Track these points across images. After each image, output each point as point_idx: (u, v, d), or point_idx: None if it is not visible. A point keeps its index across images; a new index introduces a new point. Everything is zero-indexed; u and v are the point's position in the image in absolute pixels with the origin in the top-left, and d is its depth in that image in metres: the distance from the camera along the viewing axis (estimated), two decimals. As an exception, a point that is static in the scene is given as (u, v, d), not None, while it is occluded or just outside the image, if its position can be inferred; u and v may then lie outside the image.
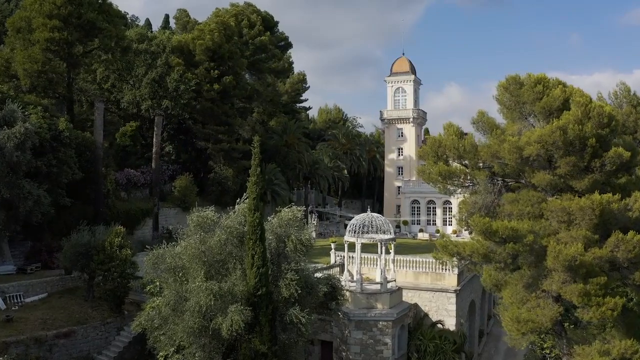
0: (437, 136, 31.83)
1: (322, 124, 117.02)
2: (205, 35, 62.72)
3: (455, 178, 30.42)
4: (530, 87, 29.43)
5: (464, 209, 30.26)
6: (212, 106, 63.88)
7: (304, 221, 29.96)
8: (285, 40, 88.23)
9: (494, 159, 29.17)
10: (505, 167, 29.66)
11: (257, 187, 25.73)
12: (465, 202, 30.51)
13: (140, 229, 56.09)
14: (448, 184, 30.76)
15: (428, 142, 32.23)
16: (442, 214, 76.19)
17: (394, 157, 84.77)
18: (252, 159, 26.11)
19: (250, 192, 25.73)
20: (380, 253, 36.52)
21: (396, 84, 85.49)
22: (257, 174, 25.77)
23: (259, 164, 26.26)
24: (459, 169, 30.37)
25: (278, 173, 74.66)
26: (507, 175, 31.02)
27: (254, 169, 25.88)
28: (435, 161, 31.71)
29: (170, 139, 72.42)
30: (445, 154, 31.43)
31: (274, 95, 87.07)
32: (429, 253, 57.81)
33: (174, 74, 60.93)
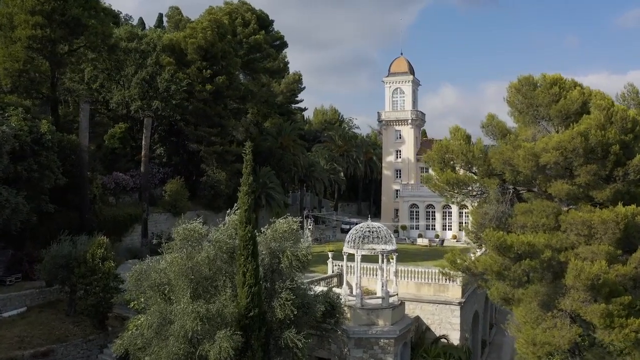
0: (444, 141, 29.61)
1: (318, 125, 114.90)
2: (198, 33, 60.37)
3: (464, 186, 28.21)
4: (545, 89, 27.24)
5: (473, 220, 28.00)
6: (205, 107, 61.55)
7: (300, 233, 27.68)
8: (280, 39, 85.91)
9: (507, 167, 26.94)
10: (518, 175, 27.45)
11: (249, 197, 23.46)
12: (475, 212, 28.27)
13: (128, 235, 53.73)
14: (456, 192, 28.56)
15: (434, 147, 30.00)
16: (441, 219, 74.08)
17: (392, 160, 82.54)
18: (244, 167, 23.86)
19: (242, 203, 23.44)
20: (382, 265, 34.23)
21: (394, 85, 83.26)
22: (248, 183, 23.50)
23: (252, 171, 23.98)
24: (467, 177, 28.14)
25: (272, 176, 72.37)
26: (519, 184, 28.83)
27: (245, 177, 23.60)
28: (442, 168, 29.50)
29: (161, 141, 70.04)
30: (452, 160, 29.23)
31: (268, 96, 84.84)
32: (430, 261, 55.98)
33: (164, 74, 58.54)
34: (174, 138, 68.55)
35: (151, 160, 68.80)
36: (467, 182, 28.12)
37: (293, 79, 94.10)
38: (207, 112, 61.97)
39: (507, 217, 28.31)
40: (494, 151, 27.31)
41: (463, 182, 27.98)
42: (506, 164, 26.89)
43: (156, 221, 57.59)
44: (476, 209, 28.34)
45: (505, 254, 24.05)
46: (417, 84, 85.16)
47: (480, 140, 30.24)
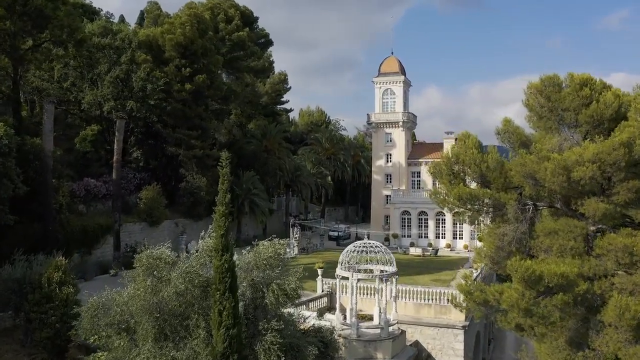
0: (453, 149, 25.71)
1: (304, 127, 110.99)
2: (176, 29, 56.10)
3: (477, 203, 24.32)
4: (574, 91, 23.46)
5: (488, 242, 24.14)
6: (184, 108, 57.29)
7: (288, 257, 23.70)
8: (265, 37, 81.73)
9: (529, 180, 23.10)
10: (541, 190, 23.65)
11: (226, 220, 19.38)
12: (491, 233, 24.39)
13: (99, 247, 49.34)
14: (468, 209, 24.66)
15: (442, 157, 26.11)
16: (434, 227, 70.36)
17: (382, 164, 78.65)
18: (220, 182, 19.77)
19: (218, 226, 19.35)
20: (380, 289, 30.25)
21: (385, 85, 79.38)
22: (225, 203, 19.43)
23: (234, 177, 19.86)
24: (481, 192, 24.26)
25: (257, 181, 68.29)
26: (540, 199, 25.04)
27: (222, 196, 19.54)
28: (451, 181, 25.59)
29: (138, 144, 65.65)
30: (463, 172, 25.36)
31: (253, 96, 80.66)
32: (425, 274, 52.14)
33: (140, 72, 54.26)
34: (152, 141, 64.20)
35: (127, 164, 64.45)
36: (481, 198, 24.25)
37: (278, 78, 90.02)
38: (186, 114, 57.70)
39: (527, 238, 24.55)
40: (514, 162, 23.44)
41: (477, 197, 24.10)
42: (528, 177, 23.04)
43: (130, 232, 53.24)
44: (492, 229, 24.46)
45: (534, 286, 20.23)
46: (408, 84, 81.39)
47: (494, 150, 26.44)
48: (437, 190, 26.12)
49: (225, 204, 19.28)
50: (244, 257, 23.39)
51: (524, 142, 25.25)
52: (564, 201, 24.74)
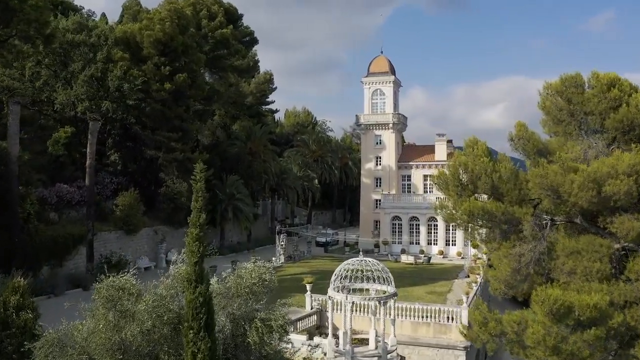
0: (460, 157, 22.83)
1: (290, 128, 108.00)
2: (155, 25, 52.84)
3: (492, 219, 21.43)
4: (599, 92, 20.73)
5: (502, 264, 21.26)
6: (163, 109, 54.04)
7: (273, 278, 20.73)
8: (250, 35, 78.52)
9: (550, 194, 20.27)
10: (562, 205, 20.87)
11: (201, 244, 16.28)
12: (505, 254, 21.51)
13: (72, 259, 45.95)
14: (480, 226, 21.79)
15: (449, 166, 23.22)
16: (426, 233, 67.55)
17: (372, 167, 75.72)
18: (194, 199, 16.76)
19: (190, 252, 16.23)
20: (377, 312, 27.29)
21: (374, 86, 76.45)
22: (199, 224, 16.37)
23: (203, 207, 16.83)
24: (495, 206, 21.37)
25: (241, 185, 65.22)
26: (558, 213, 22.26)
27: (195, 216, 16.48)
28: (459, 192, 22.72)
29: (115, 146, 62.37)
30: (472, 183, 22.49)
31: (237, 96, 77.49)
32: (420, 285, 49.19)
33: (116, 70, 50.94)
34: (130, 143, 60.91)
35: (104, 167, 61.15)
36: (495, 213, 21.37)
37: (264, 78, 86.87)
38: (166, 115, 54.45)
39: (545, 258, 21.74)
40: (533, 173, 20.57)
41: (490, 213, 21.21)
42: (550, 190, 20.20)
43: (105, 241, 49.91)
44: (507, 249, 21.58)
45: (563, 320, 17.42)
46: (398, 84, 78.53)
47: (507, 158, 23.63)
48: (443, 204, 23.20)
49: (200, 225, 16.23)
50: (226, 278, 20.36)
51: (541, 150, 22.41)
52: (585, 216, 22.01)
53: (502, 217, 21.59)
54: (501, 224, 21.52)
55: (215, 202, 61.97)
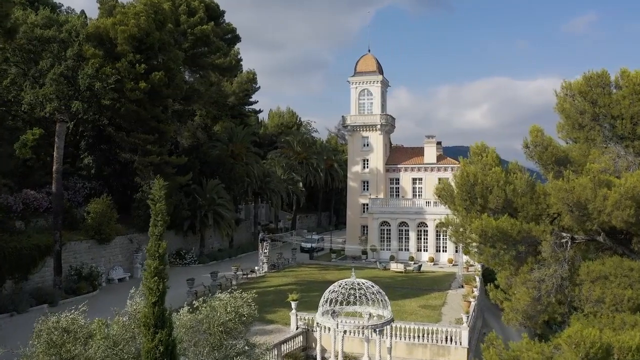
0: (468, 167, 19.96)
1: (274, 129, 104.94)
2: (129, 19, 49.47)
3: (505, 239, 18.57)
4: (631, 93, 18.01)
5: (523, 292, 18.42)
6: (138, 109, 50.70)
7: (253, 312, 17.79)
8: (232, 32, 75.10)
9: (576, 210, 17.48)
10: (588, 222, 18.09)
11: (161, 281, 13.21)
12: (522, 279, 18.67)
13: (38, 272, 42.46)
14: (496, 248, 18.90)
15: (455, 176, 20.33)
16: (416, 239, 64.81)
17: (359, 170, 72.78)
18: (152, 224, 13.82)
19: (148, 289, 13.15)
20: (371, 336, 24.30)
21: (361, 85, 73.51)
22: (159, 254, 13.34)
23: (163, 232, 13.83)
24: (510, 224, 18.51)
25: (222, 190, 62.02)
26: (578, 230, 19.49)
27: (153, 244, 13.48)
28: (468, 207, 19.86)
29: (89, 149, 58.98)
30: (482, 197, 19.63)
31: (218, 96, 74.37)
32: (412, 298, 46.14)
33: (87, 68, 47.54)
34: (105, 146, 57.54)
35: (77, 171, 57.78)
36: (510, 232, 18.51)
37: (247, 77, 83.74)
38: (141, 115, 51.13)
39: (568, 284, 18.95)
40: (555, 186, 17.75)
41: (506, 232, 18.34)
42: (576, 206, 17.40)
43: (76, 251, 46.54)
44: (524, 274, 18.75)
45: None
46: (386, 84, 75.66)
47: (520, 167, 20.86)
48: (449, 221, 20.28)
49: (159, 255, 13.17)
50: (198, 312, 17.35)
51: (560, 159, 19.62)
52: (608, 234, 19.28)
53: (518, 237, 18.76)
54: (517, 244, 18.67)
55: (194, 207, 58.82)
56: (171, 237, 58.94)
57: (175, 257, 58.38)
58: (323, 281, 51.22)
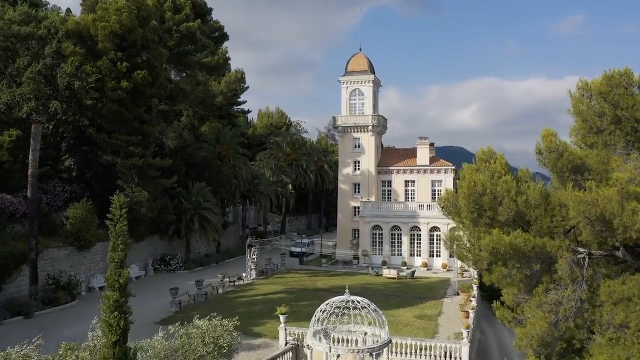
0: (477, 176, 18.05)
1: (263, 129, 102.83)
2: (111, 15, 47.27)
3: (519, 256, 16.68)
4: (659, 93, 16.14)
5: (539, 317, 16.52)
6: (120, 109, 48.48)
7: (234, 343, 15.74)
8: (219, 30, 72.97)
9: (599, 224, 15.63)
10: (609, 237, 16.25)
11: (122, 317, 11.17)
12: (538, 302, 16.78)
13: (13, 281, 40.16)
14: (508, 266, 17.00)
15: (460, 186, 18.44)
16: (409, 243, 63.02)
17: (350, 172, 70.82)
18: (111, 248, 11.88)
19: (108, 327, 11.13)
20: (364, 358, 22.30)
21: (352, 85, 71.60)
22: (119, 284, 11.43)
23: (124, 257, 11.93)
24: (523, 240, 16.62)
25: (208, 193, 59.91)
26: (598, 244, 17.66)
27: (113, 272, 11.66)
28: (475, 220, 17.95)
29: (70, 151, 56.62)
30: (491, 209, 17.74)
31: (205, 96, 72.09)
32: (406, 307, 44.16)
33: (66, 67, 45.32)
34: (86, 147, 55.22)
35: (58, 174, 55.49)
36: (524, 249, 16.61)
37: (235, 77, 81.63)
38: (123, 116, 48.92)
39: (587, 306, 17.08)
40: (577, 199, 15.86)
41: (519, 249, 16.44)
42: (600, 220, 15.55)
43: (54, 259, 44.27)
44: (540, 297, 16.86)
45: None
46: (377, 84, 73.79)
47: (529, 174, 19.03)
48: (454, 236, 18.37)
49: (120, 286, 11.19)
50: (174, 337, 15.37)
51: (577, 167, 17.75)
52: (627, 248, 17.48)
53: (532, 253, 16.87)
54: (531, 262, 16.78)
55: (180, 211, 56.65)
56: (155, 242, 56.78)
57: (159, 263, 56.18)
58: (313, 289, 49.29)
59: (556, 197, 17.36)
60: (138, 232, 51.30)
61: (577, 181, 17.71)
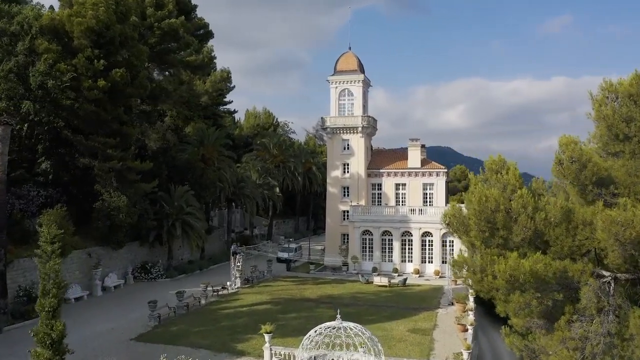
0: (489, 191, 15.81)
1: (250, 130, 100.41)
2: (87, 10, 44.72)
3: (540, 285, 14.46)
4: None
5: (563, 356, 14.32)
6: (98, 110, 45.93)
7: None
8: (204, 27, 70.43)
9: (634, 248, 13.46)
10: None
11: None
12: (561, 338, 14.56)
13: (-21, 294, 37.62)
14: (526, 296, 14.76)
15: (469, 201, 16.20)
16: (400, 249, 60.83)
17: (339, 175, 68.52)
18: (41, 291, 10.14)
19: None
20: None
21: (341, 85, 69.31)
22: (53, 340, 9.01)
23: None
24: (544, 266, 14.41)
25: (191, 197, 57.42)
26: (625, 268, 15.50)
27: (44, 323, 9.14)
28: (487, 240, 15.72)
29: (46, 154, 53.86)
30: (505, 227, 15.52)
31: (190, 96, 69.55)
32: (400, 319, 41.48)
33: (39, 65, 42.82)
34: (62, 150, 52.55)
35: (34, 177, 52.73)
36: (544, 276, 14.41)
37: (221, 76, 79.01)
38: (101, 117, 46.37)
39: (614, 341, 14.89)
40: (607, 219, 13.68)
41: (540, 276, 14.23)
42: (633, 243, 13.38)
43: (26, 269, 41.63)
44: (564, 332, 14.65)
45: None
46: (367, 84, 71.51)
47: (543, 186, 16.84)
48: (462, 260, 16.13)
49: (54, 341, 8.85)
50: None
51: (603, 180, 15.58)
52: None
53: (553, 279, 14.67)
54: (553, 291, 14.58)
55: (161, 217, 54.10)
56: (136, 249, 54.20)
57: (140, 271, 53.58)
58: (301, 299, 46.95)
59: (579, 215, 15.18)
60: (117, 239, 48.80)
61: (601, 195, 15.55)
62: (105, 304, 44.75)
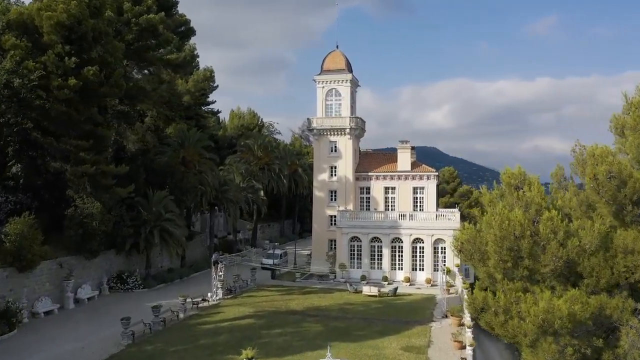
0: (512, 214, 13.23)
1: (234, 130, 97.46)
2: (57, 4, 41.73)
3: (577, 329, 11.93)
4: None
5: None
6: (69, 110, 42.91)
7: None
8: (185, 24, 67.41)
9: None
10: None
11: None
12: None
13: (-64, 310, 34.58)
14: (560, 342, 12.21)
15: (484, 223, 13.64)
16: (390, 256, 58.33)
17: (326, 178, 65.92)
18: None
19: None
20: None
21: (328, 85, 66.71)
22: None
23: None
24: (581, 306, 11.87)
25: (170, 203, 54.50)
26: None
27: None
28: (509, 272, 13.15)
29: (17, 157, 50.77)
30: (531, 256, 12.96)
31: (171, 95, 66.43)
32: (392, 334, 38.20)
33: (5, 62, 39.82)
34: (33, 152, 49.47)
35: (4, 182, 49.72)
36: (581, 317, 11.88)
37: (204, 75, 75.86)
38: (72, 118, 43.35)
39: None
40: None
41: (576, 318, 11.70)
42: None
43: (-12, 281, 38.62)
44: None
45: None
46: (355, 84, 68.93)
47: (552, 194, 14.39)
48: (479, 300, 13.53)
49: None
50: None
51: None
52: None
53: (590, 320, 12.14)
54: (592, 336, 12.06)
55: (138, 223, 51.10)
56: (111, 258, 51.16)
57: (115, 281, 50.56)
58: (287, 311, 44.25)
59: (619, 241, 12.66)
60: (90, 248, 45.79)
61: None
62: (76, 318, 41.72)
